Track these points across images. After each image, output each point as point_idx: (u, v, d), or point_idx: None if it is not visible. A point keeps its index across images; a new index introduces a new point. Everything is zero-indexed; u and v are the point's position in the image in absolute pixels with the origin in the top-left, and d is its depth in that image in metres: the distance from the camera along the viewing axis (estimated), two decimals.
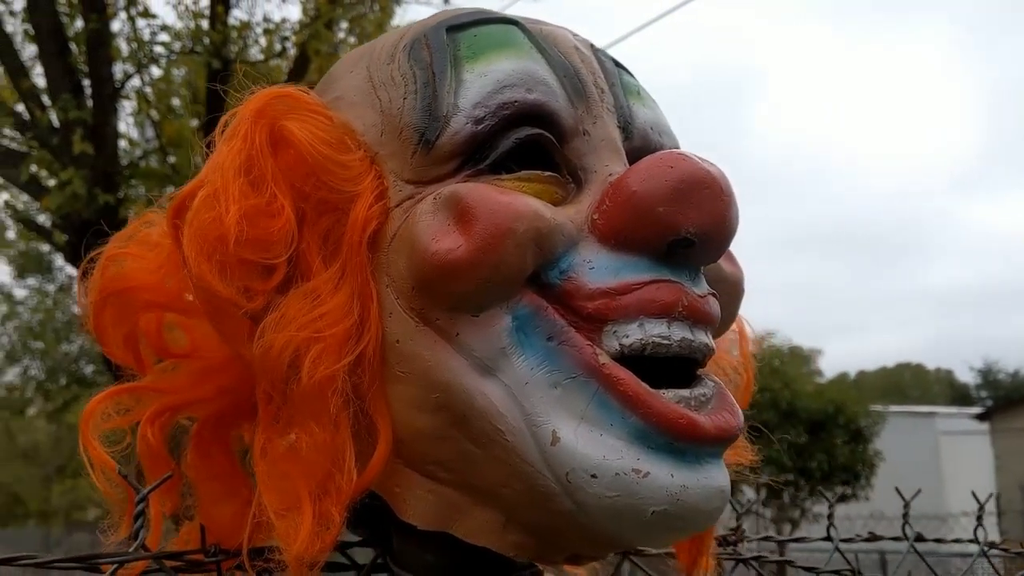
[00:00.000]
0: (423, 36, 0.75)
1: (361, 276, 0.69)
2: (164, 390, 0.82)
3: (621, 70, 0.81)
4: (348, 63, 0.80)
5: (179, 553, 0.75)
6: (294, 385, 0.67)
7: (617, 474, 0.62)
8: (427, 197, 0.68)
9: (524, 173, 0.69)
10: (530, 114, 0.70)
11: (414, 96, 0.71)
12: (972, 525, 1.39)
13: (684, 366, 0.69)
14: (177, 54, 6.72)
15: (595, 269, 0.67)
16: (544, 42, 0.75)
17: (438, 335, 0.67)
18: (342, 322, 0.67)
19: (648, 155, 0.70)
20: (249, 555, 0.71)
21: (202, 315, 0.75)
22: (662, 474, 0.63)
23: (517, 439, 0.64)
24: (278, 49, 7.10)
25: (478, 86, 0.70)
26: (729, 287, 0.78)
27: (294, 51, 7.08)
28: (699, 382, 0.69)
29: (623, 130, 0.76)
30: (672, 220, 0.65)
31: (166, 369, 0.84)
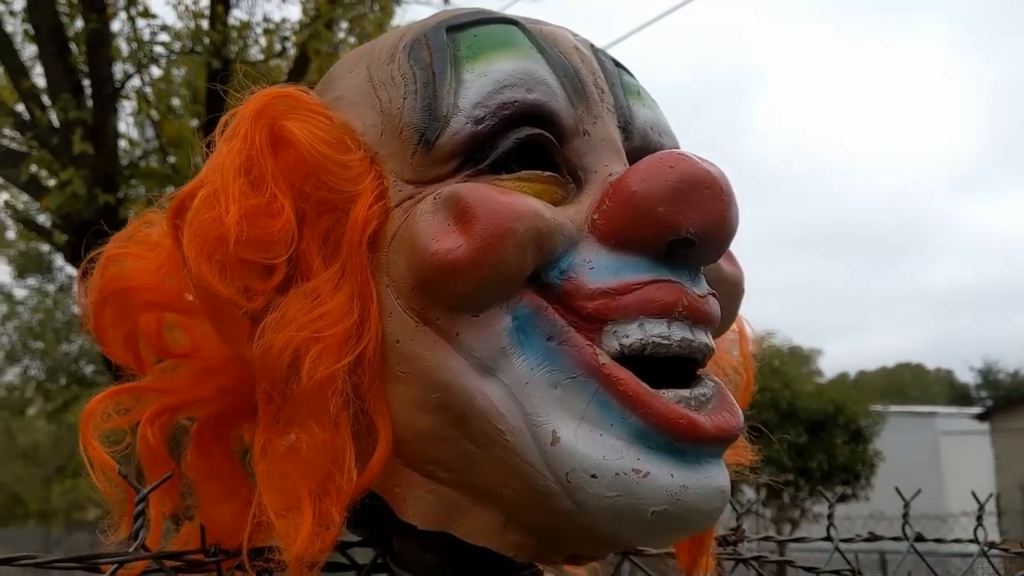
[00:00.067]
0: (423, 36, 0.75)
1: (361, 276, 0.69)
2: (164, 390, 0.82)
3: (621, 70, 0.81)
4: (348, 63, 0.80)
5: (179, 553, 0.75)
6: (294, 385, 0.67)
7: (617, 474, 0.62)
8: (427, 197, 0.68)
9: (524, 173, 0.69)
10: (530, 114, 0.70)
11: (414, 96, 0.71)
12: (972, 525, 1.39)
13: (684, 366, 0.69)
14: (177, 54, 6.72)
15: (595, 269, 0.67)
16: (544, 42, 0.75)
17: (438, 335, 0.67)
18: (342, 322, 0.67)
19: (648, 155, 0.70)
20: (249, 555, 0.71)
21: (202, 315, 0.75)
22: (662, 474, 0.63)
23: (517, 439, 0.64)
24: (278, 49, 7.10)
25: (478, 86, 0.70)
26: (729, 287, 0.78)
27: (294, 51, 7.08)
28: (699, 382, 0.69)
29: (623, 130, 0.76)
30: (672, 220, 0.65)
31: (166, 369, 0.84)
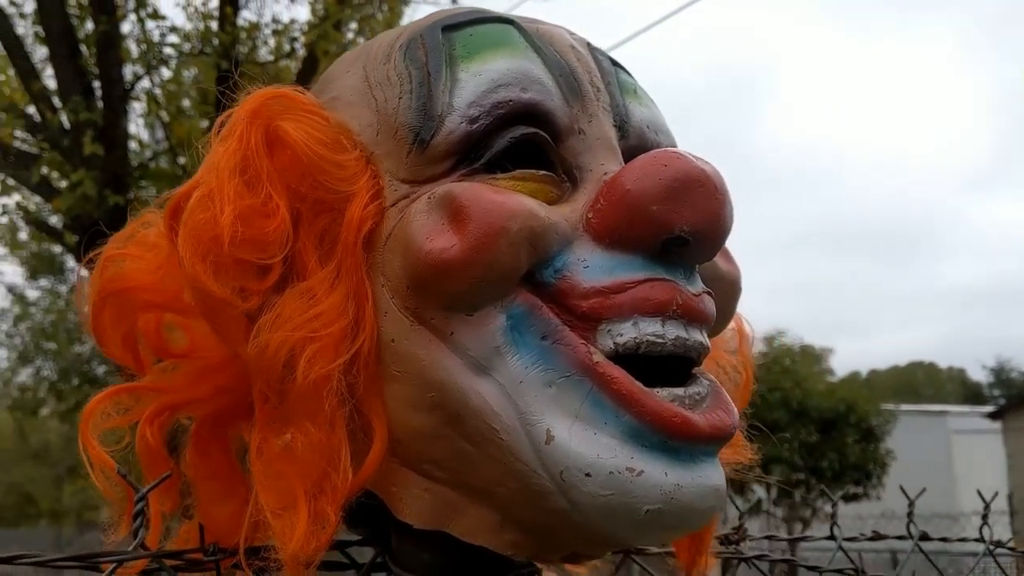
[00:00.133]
0: (419, 35, 0.75)
1: (356, 276, 0.69)
2: (163, 390, 0.82)
3: (618, 68, 0.80)
4: (345, 63, 0.80)
5: (178, 552, 0.76)
6: (290, 384, 0.67)
7: (611, 472, 0.62)
8: (422, 196, 0.68)
9: (519, 172, 0.69)
10: (525, 113, 0.70)
11: (409, 96, 0.71)
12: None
13: (679, 365, 0.69)
14: (186, 55, 6.75)
15: (589, 268, 0.66)
16: (540, 41, 0.75)
17: (433, 334, 0.67)
18: (337, 322, 0.67)
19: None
20: (247, 554, 0.71)
21: (200, 315, 0.75)
22: (656, 472, 0.63)
23: (511, 438, 0.64)
24: (287, 50, 7.13)
25: (473, 85, 0.70)
26: (725, 285, 0.78)
27: (303, 52, 7.09)
28: (694, 381, 0.69)
29: (619, 129, 0.76)
30: (666, 218, 0.65)
31: (165, 369, 0.84)
